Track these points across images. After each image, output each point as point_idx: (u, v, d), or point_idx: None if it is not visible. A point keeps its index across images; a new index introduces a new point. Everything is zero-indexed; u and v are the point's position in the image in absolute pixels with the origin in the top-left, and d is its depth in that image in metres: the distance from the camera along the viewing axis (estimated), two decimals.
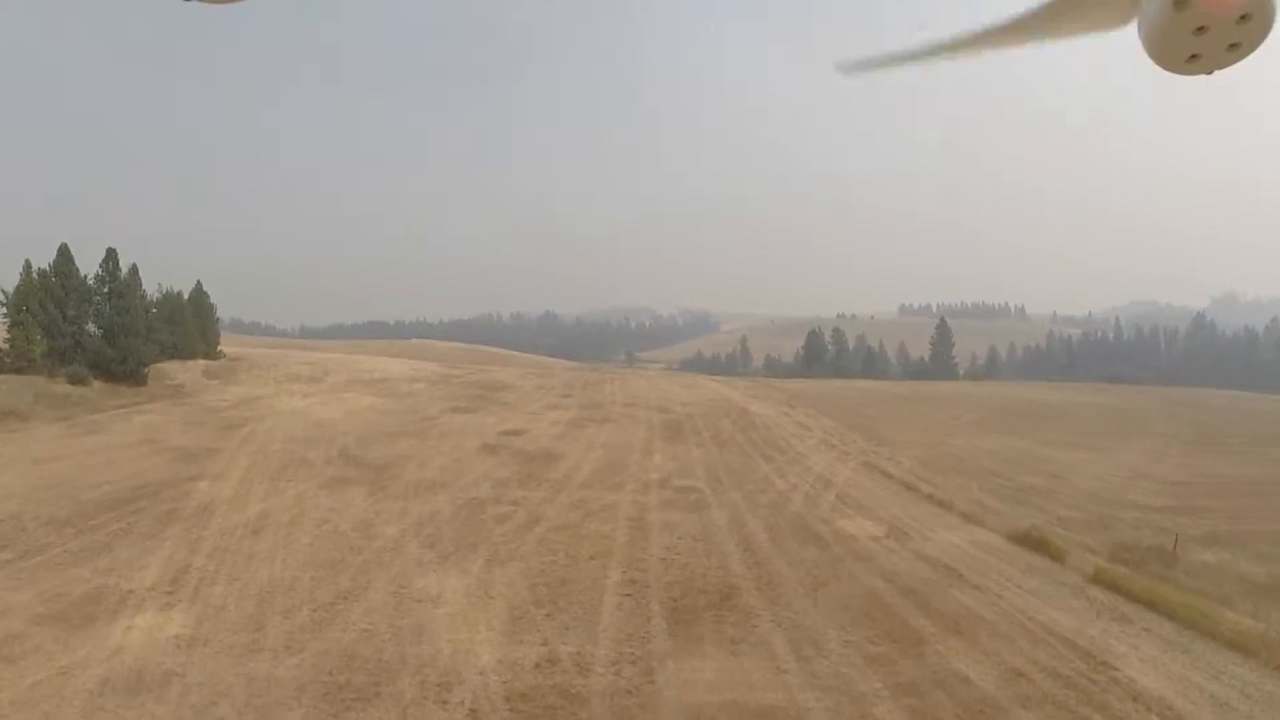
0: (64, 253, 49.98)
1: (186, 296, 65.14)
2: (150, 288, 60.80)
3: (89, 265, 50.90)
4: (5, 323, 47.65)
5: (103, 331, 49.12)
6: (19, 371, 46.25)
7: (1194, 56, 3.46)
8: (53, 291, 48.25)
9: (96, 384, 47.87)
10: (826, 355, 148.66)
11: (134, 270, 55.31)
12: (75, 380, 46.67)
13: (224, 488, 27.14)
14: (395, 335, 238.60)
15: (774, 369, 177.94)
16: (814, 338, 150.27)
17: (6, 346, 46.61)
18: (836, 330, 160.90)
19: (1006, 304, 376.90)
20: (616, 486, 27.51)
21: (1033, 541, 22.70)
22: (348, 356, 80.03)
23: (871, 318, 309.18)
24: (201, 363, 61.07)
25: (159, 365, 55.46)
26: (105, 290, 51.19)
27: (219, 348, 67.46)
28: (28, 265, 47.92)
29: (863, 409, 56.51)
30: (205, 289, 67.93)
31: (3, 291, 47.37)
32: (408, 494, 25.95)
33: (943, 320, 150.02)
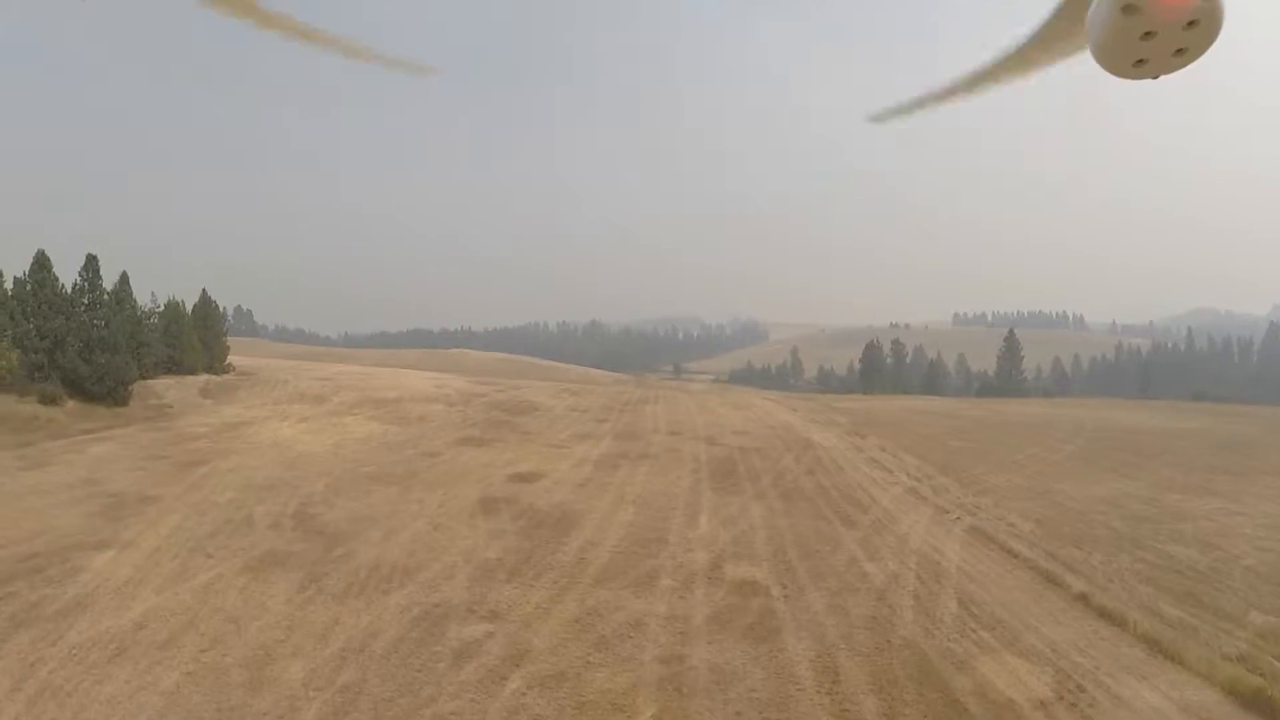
0: (40, 260, 45.31)
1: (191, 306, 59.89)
2: (162, 296, 56.58)
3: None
4: None
5: (80, 346, 43.68)
6: None
7: (1141, 61, 3.52)
8: (25, 303, 43.25)
9: (71, 404, 42.61)
10: (885, 368, 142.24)
11: (124, 279, 50.69)
12: (46, 400, 41.55)
13: (123, 565, 20.97)
14: (438, 344, 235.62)
15: (827, 382, 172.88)
16: (872, 350, 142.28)
17: None
18: (896, 342, 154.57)
19: (1064, 312, 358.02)
20: (647, 581, 19.86)
21: (1264, 704, 14.43)
22: (369, 371, 74.33)
23: (926, 327, 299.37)
24: (202, 379, 55.72)
25: (150, 382, 50.29)
26: (85, 301, 45.94)
27: (227, 361, 62.17)
28: None
29: (942, 439, 47.68)
30: (212, 297, 63.49)
31: None
32: (349, 590, 18.81)
33: (1011, 332, 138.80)
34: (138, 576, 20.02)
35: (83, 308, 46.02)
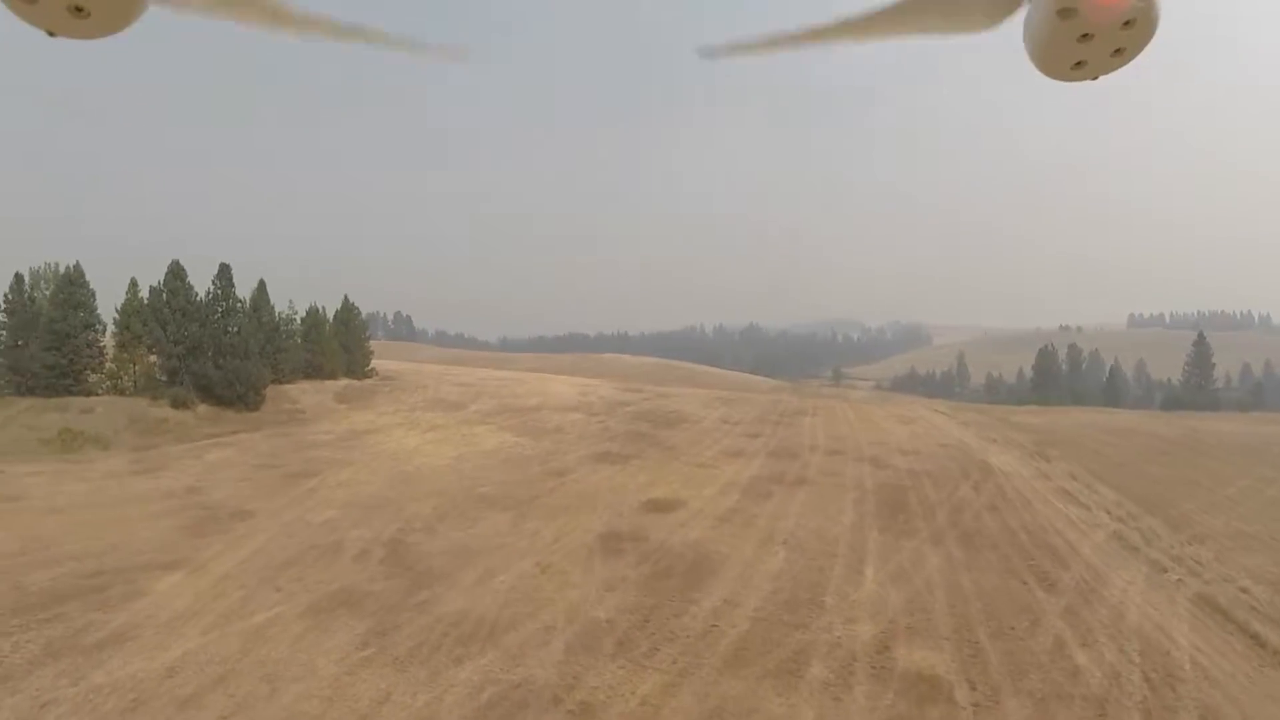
0: (175, 270, 47.91)
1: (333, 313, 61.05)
2: (300, 305, 58.13)
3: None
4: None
5: (211, 352, 44.70)
6: (122, 393, 42.72)
7: (1079, 63, 3.63)
8: (159, 311, 44.87)
9: (202, 408, 43.49)
10: (1060, 376, 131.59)
11: (261, 287, 52.31)
12: (177, 404, 42.57)
13: (184, 593, 19.29)
14: (593, 348, 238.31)
15: (996, 391, 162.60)
16: (1046, 356, 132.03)
17: (114, 367, 43.42)
18: (1073, 347, 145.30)
19: (1249, 312, 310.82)
20: (793, 668, 15.10)
21: None
22: (515, 376, 73.24)
23: (1099, 329, 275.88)
24: (340, 384, 56.14)
25: (286, 387, 51.00)
26: (220, 309, 47.32)
27: (370, 366, 62.66)
28: (133, 284, 45.81)
29: (1137, 464, 39.06)
30: (355, 304, 64.66)
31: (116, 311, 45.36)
32: (416, 653, 15.42)
33: (1201, 336, 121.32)
34: (193, 609, 17.99)
35: (217, 315, 47.14)
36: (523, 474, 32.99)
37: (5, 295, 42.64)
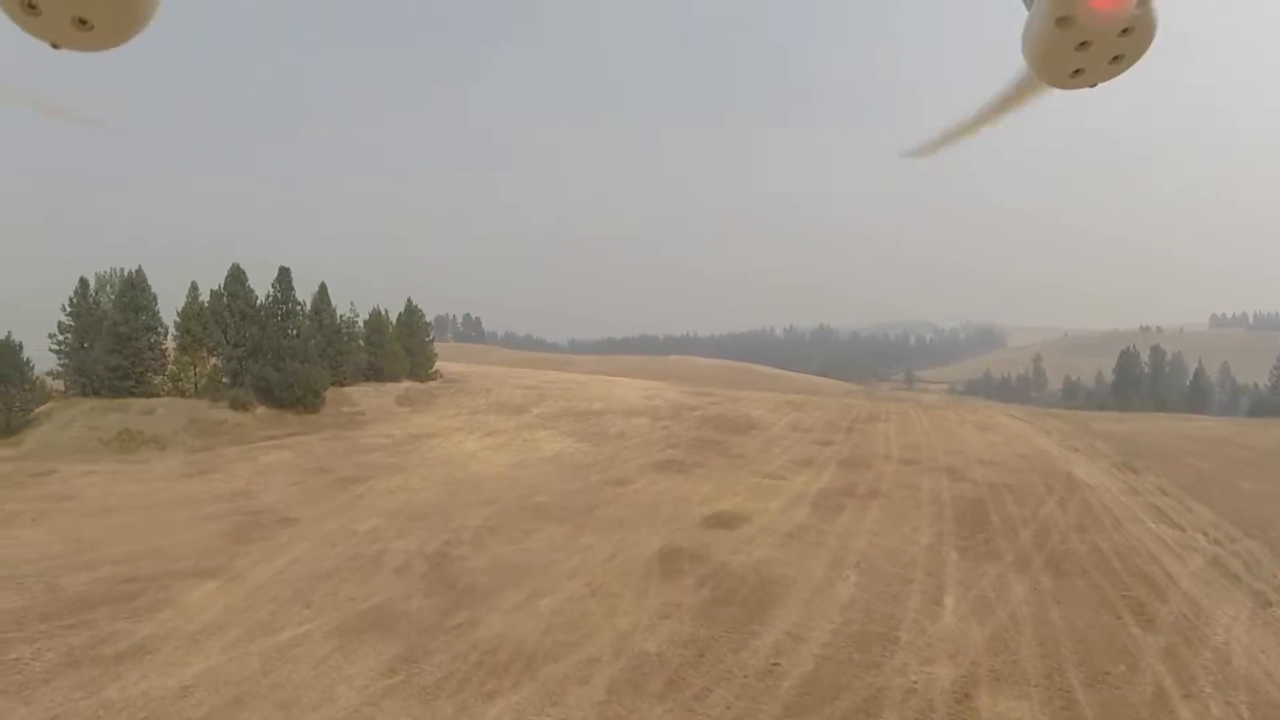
0: (235, 273, 48.69)
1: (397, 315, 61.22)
2: (363, 308, 58.59)
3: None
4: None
5: (271, 354, 45.06)
6: (183, 395, 43.25)
7: (1078, 71, 3.63)
8: (219, 314, 45.59)
9: (261, 410, 43.69)
10: (1142, 380, 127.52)
11: (322, 290, 52.81)
12: (237, 406, 42.80)
13: (215, 604, 18.69)
14: (661, 350, 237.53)
15: (1075, 395, 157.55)
16: (1128, 359, 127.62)
17: (175, 369, 44.12)
18: (1156, 349, 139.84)
19: None
20: (863, 715, 13.21)
21: None
22: (580, 379, 72.37)
23: (1180, 330, 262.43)
24: (403, 386, 56.02)
25: (348, 389, 51.06)
26: (280, 312, 47.87)
27: (434, 369, 62.54)
28: (193, 288, 46.71)
29: (1230, 479, 35.26)
30: (419, 306, 64.26)
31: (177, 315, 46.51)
32: (445, 683, 14.19)
33: None
34: (219, 622, 17.26)
35: (277, 318, 47.58)
36: (581, 483, 31.70)
37: (71, 299, 43.78)
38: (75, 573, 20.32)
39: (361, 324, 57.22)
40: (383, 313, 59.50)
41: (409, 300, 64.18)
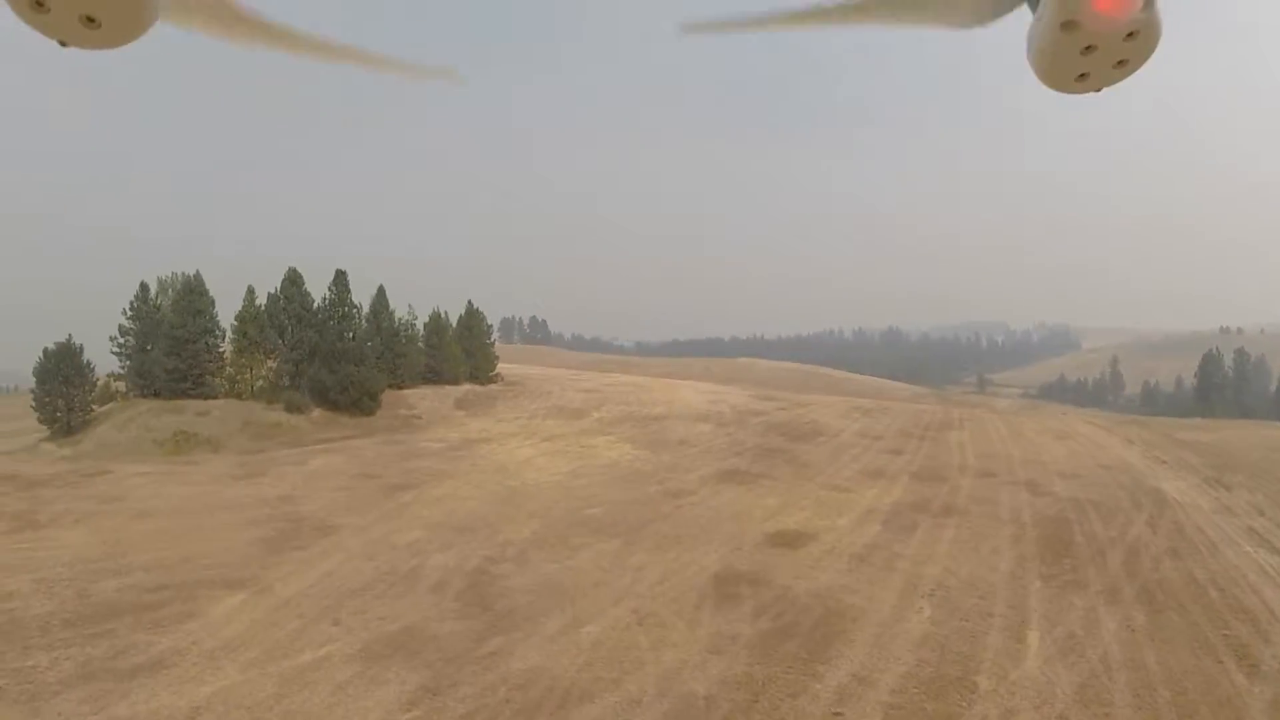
0: (292, 277, 49.54)
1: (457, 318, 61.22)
2: (422, 310, 58.91)
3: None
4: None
5: (326, 357, 45.20)
6: (240, 397, 43.60)
7: (1083, 75, 3.66)
8: (275, 317, 46.39)
9: (317, 413, 43.77)
10: (1226, 385, 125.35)
11: (380, 292, 53.09)
12: (292, 408, 42.81)
13: (240, 618, 17.94)
14: (728, 352, 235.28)
15: (1153, 400, 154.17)
16: (1211, 362, 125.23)
17: (232, 371, 44.65)
18: (1239, 352, 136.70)
19: None
20: None
21: None
22: (643, 382, 70.99)
23: (1261, 331, 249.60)
24: (462, 389, 55.74)
25: (405, 392, 51.02)
26: (336, 315, 48.31)
27: (495, 371, 62.15)
28: (250, 292, 47.38)
29: None
30: (479, 308, 64.49)
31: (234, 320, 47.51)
32: None
33: None
34: (241, 638, 16.56)
35: (334, 321, 47.81)
36: (638, 493, 30.30)
37: (132, 303, 44.91)
38: (107, 578, 20.12)
39: (420, 326, 57.23)
40: (442, 315, 59.48)
41: (469, 302, 64.21)
